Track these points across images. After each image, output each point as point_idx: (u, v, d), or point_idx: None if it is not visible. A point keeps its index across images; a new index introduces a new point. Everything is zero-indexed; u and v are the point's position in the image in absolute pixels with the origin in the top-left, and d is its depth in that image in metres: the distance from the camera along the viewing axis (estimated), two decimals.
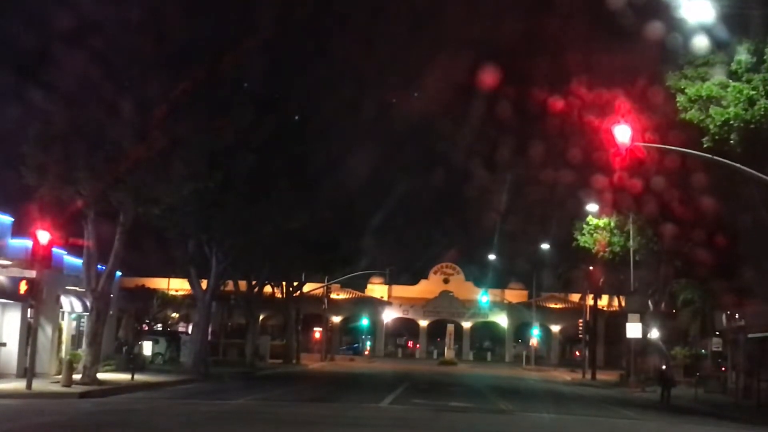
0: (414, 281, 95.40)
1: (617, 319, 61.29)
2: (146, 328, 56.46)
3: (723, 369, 48.35)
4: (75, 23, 25.90)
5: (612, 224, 48.73)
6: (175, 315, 68.62)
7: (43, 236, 28.32)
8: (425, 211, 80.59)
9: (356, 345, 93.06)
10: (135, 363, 37.71)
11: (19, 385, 27.95)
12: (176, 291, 71.87)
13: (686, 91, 30.11)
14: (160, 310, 62.54)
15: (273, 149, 39.81)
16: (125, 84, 28.12)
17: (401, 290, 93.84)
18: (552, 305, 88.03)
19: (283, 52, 34.49)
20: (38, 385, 28.34)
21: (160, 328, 61.02)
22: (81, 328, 37.75)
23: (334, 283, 71.69)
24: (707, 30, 28.06)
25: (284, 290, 63.50)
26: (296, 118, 44.66)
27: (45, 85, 26.64)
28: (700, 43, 28.88)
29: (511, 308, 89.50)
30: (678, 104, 30.25)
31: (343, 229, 57.26)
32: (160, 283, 71.61)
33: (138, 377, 35.09)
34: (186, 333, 60.78)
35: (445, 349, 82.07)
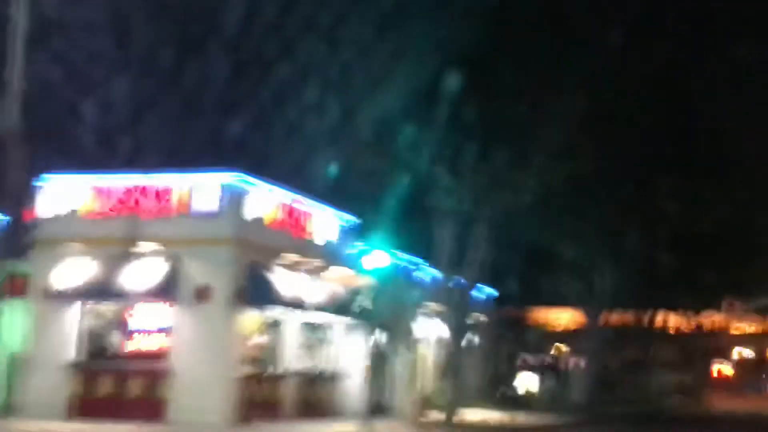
0: None
1: None
2: (525, 361, 50.66)
3: None
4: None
5: None
6: (558, 347, 62.06)
7: (383, 239, 22.72)
8: None
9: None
10: (511, 401, 31.38)
11: (359, 428, 21.89)
12: (558, 321, 65.31)
13: None
14: (541, 341, 56.41)
15: None
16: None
17: None
18: None
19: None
20: (385, 427, 22.33)
21: (541, 362, 54.86)
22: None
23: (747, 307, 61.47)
24: None
25: (686, 319, 54.83)
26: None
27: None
28: None
29: None
30: None
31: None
32: (539, 312, 65.52)
33: (514, 418, 28.78)
34: (571, 367, 54.22)
35: None
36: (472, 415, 27.64)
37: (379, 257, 22.37)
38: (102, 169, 22.37)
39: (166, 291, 21.33)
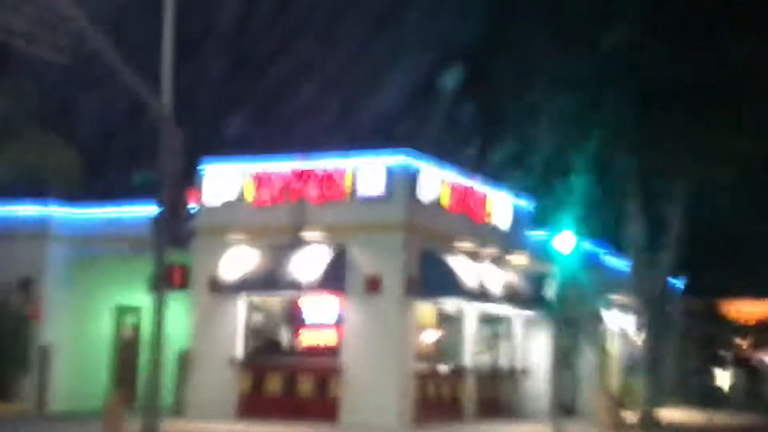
0: None
1: None
2: (716, 356, 47.86)
3: None
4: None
5: None
6: (751, 341, 58.37)
7: (566, 223, 20.67)
8: None
9: None
10: (705, 398, 28.76)
11: (547, 430, 19.85)
12: (752, 313, 61.34)
13: None
14: (733, 335, 53.06)
15: None
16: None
17: None
18: None
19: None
20: (576, 430, 20.24)
21: (733, 357, 51.69)
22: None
23: None
24: None
25: None
26: None
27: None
28: None
29: None
30: None
31: None
32: (731, 303, 61.72)
33: (713, 417, 26.73)
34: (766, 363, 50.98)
35: None
36: (668, 414, 25.17)
37: (565, 243, 20.24)
38: (264, 155, 21.19)
39: (333, 282, 19.86)
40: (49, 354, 22.41)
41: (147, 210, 17.29)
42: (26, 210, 23.13)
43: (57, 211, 23.23)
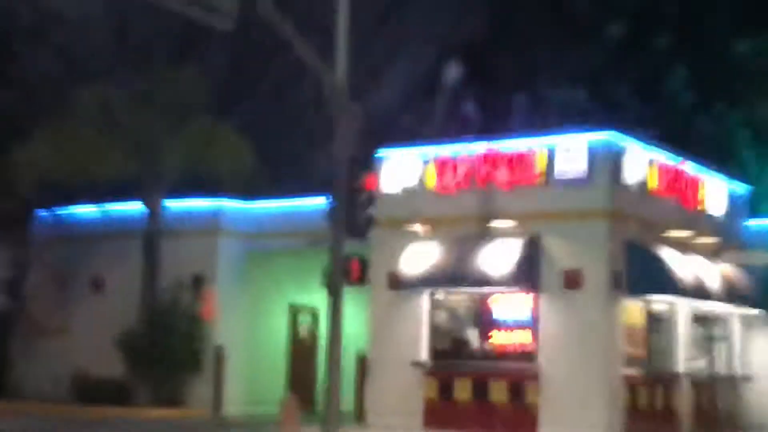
0: None
1: None
2: None
3: None
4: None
5: None
6: None
7: None
8: None
9: None
10: None
11: None
12: None
13: None
14: None
15: None
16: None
17: None
18: None
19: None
20: None
21: None
22: None
23: None
24: None
25: None
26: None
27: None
28: None
29: None
30: None
31: None
32: None
33: None
34: None
35: None
36: None
37: None
38: (447, 139, 19.38)
39: (527, 277, 17.72)
40: (223, 355, 21.37)
41: (323, 201, 15.92)
42: (197, 204, 22.32)
43: (229, 205, 22.28)
